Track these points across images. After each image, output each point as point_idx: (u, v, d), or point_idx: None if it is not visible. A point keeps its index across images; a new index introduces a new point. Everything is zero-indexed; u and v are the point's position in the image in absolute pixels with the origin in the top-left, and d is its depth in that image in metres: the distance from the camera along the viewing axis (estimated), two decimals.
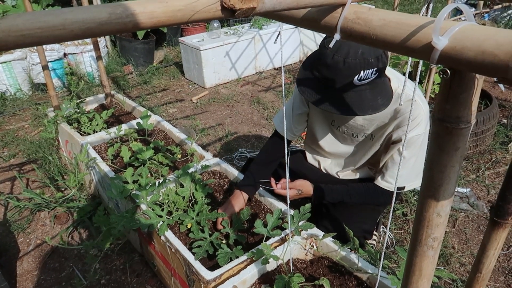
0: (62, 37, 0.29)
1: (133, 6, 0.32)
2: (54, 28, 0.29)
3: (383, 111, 1.52)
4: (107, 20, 0.31)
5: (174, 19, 0.35)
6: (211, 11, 0.36)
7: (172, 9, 0.34)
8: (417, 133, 1.53)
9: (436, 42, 0.38)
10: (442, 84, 0.46)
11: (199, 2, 0.35)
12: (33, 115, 3.82)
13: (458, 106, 0.45)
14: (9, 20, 0.27)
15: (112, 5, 0.32)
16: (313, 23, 0.52)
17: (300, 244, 1.58)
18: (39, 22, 0.28)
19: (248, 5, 0.37)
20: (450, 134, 0.47)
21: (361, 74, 1.36)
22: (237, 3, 0.36)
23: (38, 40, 0.28)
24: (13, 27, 0.27)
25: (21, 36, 0.27)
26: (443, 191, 0.51)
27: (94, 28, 0.31)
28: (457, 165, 0.49)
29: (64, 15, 0.29)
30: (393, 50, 0.44)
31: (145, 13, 0.33)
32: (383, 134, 1.64)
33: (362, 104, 1.41)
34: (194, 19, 0.35)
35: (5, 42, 0.27)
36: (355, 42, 0.49)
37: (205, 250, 1.53)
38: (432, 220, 0.54)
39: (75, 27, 0.30)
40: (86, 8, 0.30)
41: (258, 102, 3.92)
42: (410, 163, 1.59)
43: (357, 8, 0.48)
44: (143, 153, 2.04)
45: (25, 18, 0.28)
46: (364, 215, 1.82)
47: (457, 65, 0.39)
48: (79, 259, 2.14)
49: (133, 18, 0.32)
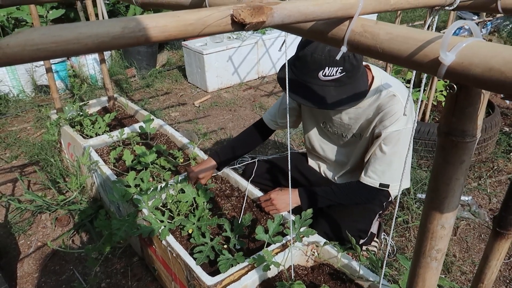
0: (76, 51, 0.30)
1: (146, 21, 0.33)
2: (68, 42, 0.29)
3: (367, 109, 1.62)
4: (120, 34, 0.32)
5: (185, 33, 0.35)
6: (222, 25, 0.37)
7: (183, 23, 0.34)
8: (396, 128, 1.56)
9: (444, 57, 0.38)
10: (448, 97, 0.46)
11: (211, 16, 0.35)
12: (35, 117, 3.83)
13: (464, 120, 0.45)
14: (24, 35, 0.27)
15: (125, 19, 0.32)
16: (320, 35, 0.52)
17: (301, 250, 1.58)
18: (54, 36, 0.28)
19: (258, 19, 0.38)
20: (455, 147, 0.47)
21: (325, 70, 1.44)
22: (248, 17, 0.37)
23: (53, 54, 0.29)
24: (28, 41, 0.27)
25: (36, 50, 0.28)
26: (448, 204, 0.52)
27: (107, 42, 0.31)
28: (462, 178, 0.50)
29: (78, 30, 0.30)
30: (400, 64, 0.44)
31: (157, 27, 0.33)
32: (368, 131, 1.68)
33: (324, 99, 1.47)
34: (205, 33, 0.36)
35: (20, 56, 0.27)
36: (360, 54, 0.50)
37: (206, 256, 1.53)
38: (436, 232, 0.54)
39: (89, 41, 0.30)
40: (99, 23, 0.31)
41: (260, 107, 3.92)
42: (392, 160, 1.61)
43: (364, 21, 0.48)
44: (145, 157, 2.05)
45: (41, 33, 0.28)
46: (358, 215, 1.84)
47: (464, 81, 0.39)
48: (80, 262, 2.14)
49: (145, 32, 0.33)
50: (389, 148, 1.60)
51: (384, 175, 1.64)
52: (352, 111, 1.70)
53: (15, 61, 0.28)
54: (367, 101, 1.64)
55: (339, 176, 1.95)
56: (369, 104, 1.63)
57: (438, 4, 0.58)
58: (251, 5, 0.37)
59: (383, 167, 1.63)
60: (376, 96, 1.61)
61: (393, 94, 1.57)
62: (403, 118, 1.55)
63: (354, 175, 1.88)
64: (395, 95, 1.57)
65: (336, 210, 1.83)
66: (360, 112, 1.67)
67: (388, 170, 1.64)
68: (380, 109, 1.60)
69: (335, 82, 1.46)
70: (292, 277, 1.47)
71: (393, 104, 1.56)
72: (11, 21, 4.50)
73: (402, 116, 1.55)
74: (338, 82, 1.47)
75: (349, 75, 1.47)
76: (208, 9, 0.36)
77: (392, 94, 1.57)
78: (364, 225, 1.84)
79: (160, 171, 2.04)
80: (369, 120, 1.66)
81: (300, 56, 1.47)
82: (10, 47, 0.27)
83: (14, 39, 0.27)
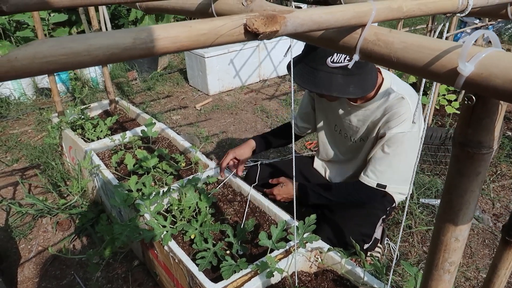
0: (86, 63, 0.29)
1: (157, 31, 0.32)
2: (78, 54, 0.28)
3: (375, 111, 1.63)
4: (132, 45, 0.31)
5: (197, 43, 0.34)
6: (235, 34, 0.36)
7: (196, 33, 0.33)
8: (401, 130, 1.56)
9: (462, 68, 0.37)
10: (464, 107, 0.45)
11: (224, 26, 0.34)
12: (36, 119, 3.82)
13: (480, 131, 0.44)
14: (33, 47, 0.26)
15: (136, 30, 0.31)
16: (331, 43, 0.51)
17: (304, 256, 1.57)
18: (63, 48, 0.27)
19: (272, 29, 0.36)
20: (471, 159, 0.46)
21: (334, 57, 1.44)
22: (261, 27, 0.36)
23: (62, 66, 0.28)
24: (37, 54, 0.26)
25: (45, 62, 0.27)
26: (462, 216, 0.50)
27: (118, 54, 0.30)
28: (477, 190, 0.48)
29: (89, 41, 0.28)
30: (415, 73, 0.43)
31: (169, 37, 0.32)
32: (373, 133, 1.68)
33: (331, 85, 1.47)
34: (217, 43, 0.35)
35: (29, 69, 0.26)
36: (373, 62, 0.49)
37: (208, 261, 1.51)
38: (449, 245, 0.53)
39: (100, 53, 0.29)
40: (110, 34, 0.30)
41: (262, 110, 3.92)
42: (392, 161, 1.61)
43: (377, 29, 0.47)
44: (147, 161, 2.03)
45: (50, 44, 0.27)
46: (361, 219, 1.82)
47: (483, 92, 0.38)
48: (81, 266, 2.12)
49: (157, 43, 0.32)
50: (391, 150, 1.59)
51: (383, 175, 1.64)
52: (361, 113, 1.70)
53: (24, 74, 0.26)
54: (375, 104, 1.63)
55: (343, 180, 1.95)
56: (377, 106, 1.63)
57: (450, 11, 0.57)
58: (264, 14, 0.36)
59: (383, 167, 1.63)
60: (385, 99, 1.61)
61: (402, 97, 1.57)
62: (409, 120, 1.54)
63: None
64: (403, 97, 1.57)
65: (339, 215, 1.82)
66: (368, 114, 1.67)
67: (386, 171, 1.63)
68: (387, 110, 1.60)
69: (343, 69, 1.46)
70: (295, 283, 1.46)
71: (400, 106, 1.56)
72: (12, 24, 4.50)
73: (409, 118, 1.54)
74: (346, 70, 1.47)
75: (357, 65, 1.47)
76: (220, 19, 0.35)
77: (401, 96, 1.57)
78: (367, 229, 1.82)
79: (162, 176, 2.03)
80: (375, 122, 1.66)
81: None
82: (18, 60, 0.26)
83: (23, 52, 0.26)
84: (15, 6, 0.45)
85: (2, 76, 0.26)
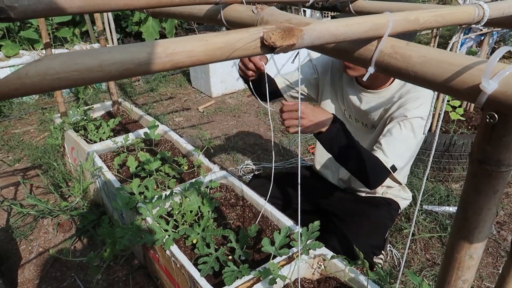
0: (98, 79, 0.28)
1: (173, 45, 0.31)
2: (91, 70, 0.27)
3: (390, 98, 1.54)
4: (146, 60, 0.29)
5: (213, 57, 0.33)
6: (251, 48, 0.34)
7: (212, 47, 0.32)
8: (417, 115, 1.46)
9: (485, 85, 0.36)
10: (483, 124, 0.43)
11: (240, 40, 0.33)
12: (39, 119, 3.82)
13: (501, 148, 0.43)
14: (45, 63, 0.25)
15: (150, 44, 0.30)
16: (346, 54, 0.50)
17: (307, 263, 1.55)
18: (75, 64, 0.26)
19: (289, 42, 0.35)
20: (489, 176, 0.45)
21: None
22: (278, 41, 0.34)
23: (74, 82, 0.27)
24: (49, 70, 0.25)
25: (57, 79, 0.26)
26: (478, 234, 0.49)
27: (132, 69, 0.29)
28: (494, 208, 0.47)
29: (102, 56, 0.27)
30: (434, 88, 0.42)
31: (185, 52, 0.31)
32: (382, 119, 1.61)
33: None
34: (232, 57, 0.34)
35: (40, 86, 0.25)
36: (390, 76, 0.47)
37: (210, 267, 1.50)
38: (463, 262, 0.51)
39: (113, 68, 0.28)
40: (123, 48, 0.28)
41: (265, 113, 3.90)
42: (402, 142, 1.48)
43: (394, 42, 0.46)
44: (150, 164, 2.02)
45: (62, 60, 0.26)
46: (371, 230, 1.78)
47: (506, 110, 0.37)
48: (81, 268, 2.11)
49: (172, 58, 0.31)
50: (408, 132, 1.47)
51: (398, 158, 1.47)
52: (375, 100, 1.63)
53: (34, 91, 0.25)
54: (390, 91, 1.59)
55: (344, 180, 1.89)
56: (393, 93, 1.58)
57: (466, 22, 0.56)
58: (281, 27, 0.35)
59: (400, 150, 1.48)
60: (402, 84, 1.55)
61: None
62: (427, 105, 1.46)
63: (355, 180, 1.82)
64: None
65: (346, 225, 1.77)
66: (383, 101, 1.60)
67: (402, 155, 1.49)
68: (404, 94, 1.52)
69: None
70: None
71: (418, 90, 1.47)
72: (16, 23, 4.50)
73: (427, 102, 1.46)
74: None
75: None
76: (237, 32, 0.34)
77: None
78: (377, 241, 1.78)
79: (164, 179, 2.02)
80: (387, 109, 1.59)
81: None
82: (29, 77, 0.25)
83: (34, 68, 0.25)
84: (23, 13, 0.44)
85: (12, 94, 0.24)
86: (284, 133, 3.50)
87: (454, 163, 2.61)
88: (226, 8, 0.70)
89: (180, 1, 0.57)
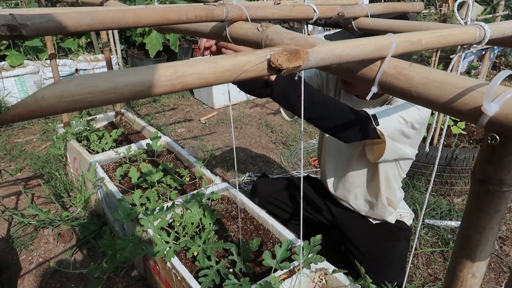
0: (111, 101, 0.28)
1: (183, 68, 0.32)
2: (105, 92, 0.28)
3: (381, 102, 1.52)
4: (157, 82, 0.30)
5: (221, 79, 0.34)
6: (258, 70, 0.35)
7: (220, 69, 0.33)
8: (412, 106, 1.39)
9: (487, 108, 0.37)
10: (485, 145, 0.44)
11: (248, 62, 0.34)
12: (41, 129, 3.84)
13: (502, 169, 0.43)
14: (61, 86, 0.26)
15: (161, 66, 0.31)
16: (349, 73, 0.51)
17: (309, 277, 1.54)
18: (90, 86, 0.27)
19: (295, 64, 0.36)
20: (491, 196, 0.45)
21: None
22: (284, 63, 0.35)
23: (88, 104, 0.27)
24: (65, 93, 0.26)
25: (72, 101, 0.26)
26: (480, 252, 0.49)
27: (143, 91, 0.30)
28: (496, 227, 0.48)
29: (116, 79, 0.28)
30: (436, 109, 0.43)
31: (194, 74, 0.32)
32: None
33: None
34: (240, 79, 0.35)
35: (55, 108, 0.26)
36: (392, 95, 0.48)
37: (211, 280, 1.49)
38: (466, 281, 0.52)
39: (126, 90, 0.29)
40: (135, 71, 0.29)
41: (267, 125, 3.92)
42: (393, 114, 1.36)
43: (396, 62, 0.47)
44: (152, 175, 2.03)
45: (77, 83, 0.27)
46: (394, 272, 1.67)
47: (507, 132, 0.37)
48: (81, 280, 2.10)
49: (182, 80, 0.31)
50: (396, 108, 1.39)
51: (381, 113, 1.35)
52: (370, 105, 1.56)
53: (50, 113, 0.26)
54: (383, 98, 1.56)
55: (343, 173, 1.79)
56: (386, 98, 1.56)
57: (467, 42, 0.57)
58: (288, 49, 0.36)
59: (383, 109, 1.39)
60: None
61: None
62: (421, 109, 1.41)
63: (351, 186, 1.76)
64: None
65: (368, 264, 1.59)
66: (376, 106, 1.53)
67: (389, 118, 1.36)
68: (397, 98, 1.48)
69: None
70: None
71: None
72: None
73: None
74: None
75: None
76: (245, 55, 0.35)
77: None
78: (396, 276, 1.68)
79: (166, 190, 2.02)
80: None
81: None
82: (45, 100, 0.26)
83: (50, 91, 0.26)
84: (35, 31, 0.45)
85: (28, 115, 0.25)
86: (286, 145, 3.51)
87: (456, 177, 2.61)
88: (232, 25, 0.71)
89: (187, 19, 0.58)
